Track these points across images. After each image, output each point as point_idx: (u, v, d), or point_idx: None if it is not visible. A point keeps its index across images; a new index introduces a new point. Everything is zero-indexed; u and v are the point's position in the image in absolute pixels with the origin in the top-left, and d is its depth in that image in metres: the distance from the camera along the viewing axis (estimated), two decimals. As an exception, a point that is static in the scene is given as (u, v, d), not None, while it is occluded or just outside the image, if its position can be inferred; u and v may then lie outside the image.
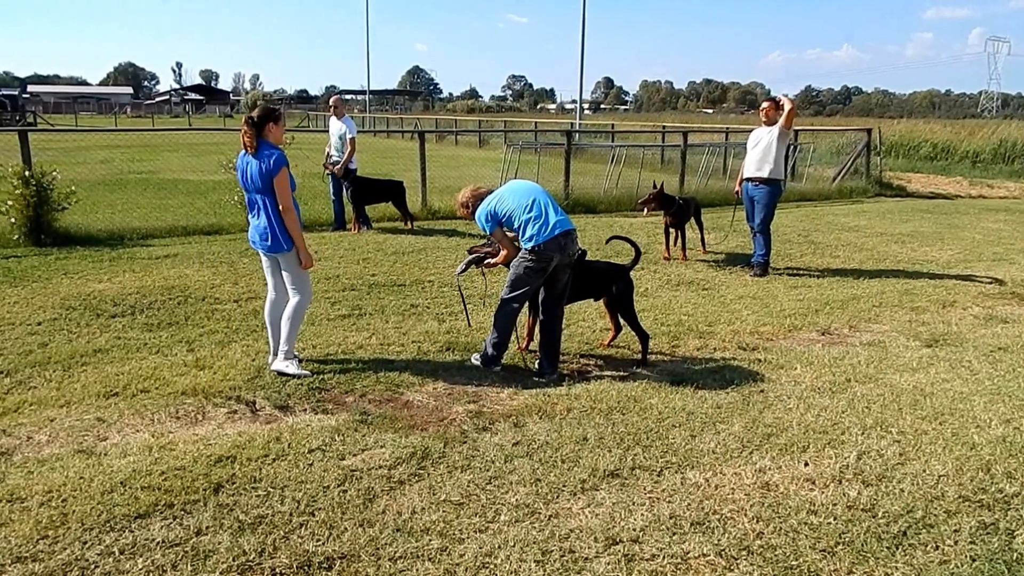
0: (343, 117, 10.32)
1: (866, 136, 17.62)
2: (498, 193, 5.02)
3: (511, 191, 5.00)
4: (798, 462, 3.69)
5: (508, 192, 4.99)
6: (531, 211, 4.85)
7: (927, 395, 4.60)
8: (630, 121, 47.12)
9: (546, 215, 4.84)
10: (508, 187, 5.08)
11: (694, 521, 3.16)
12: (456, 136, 34.09)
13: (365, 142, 25.13)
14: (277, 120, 4.78)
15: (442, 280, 7.49)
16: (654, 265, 8.55)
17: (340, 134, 10.16)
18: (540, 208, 4.87)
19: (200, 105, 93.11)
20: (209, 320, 5.98)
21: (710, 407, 4.37)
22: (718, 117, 64.56)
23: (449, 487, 3.40)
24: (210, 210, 11.35)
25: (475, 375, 4.89)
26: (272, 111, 4.83)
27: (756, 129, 8.44)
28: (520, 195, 4.95)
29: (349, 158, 10.03)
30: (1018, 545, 3.00)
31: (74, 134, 22.25)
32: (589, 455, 3.72)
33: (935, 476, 3.55)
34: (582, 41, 30.22)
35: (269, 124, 4.71)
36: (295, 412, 4.26)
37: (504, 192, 5.00)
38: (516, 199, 4.92)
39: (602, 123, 40.22)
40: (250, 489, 3.36)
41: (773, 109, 8.23)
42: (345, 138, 10.06)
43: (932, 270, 8.51)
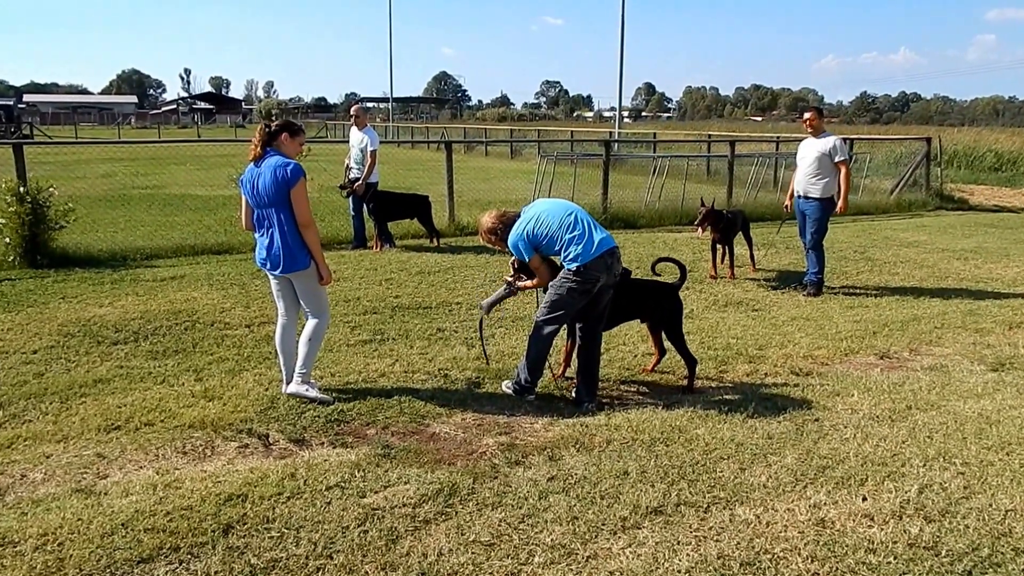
0: (365, 127, 10.42)
1: (926, 145, 17.45)
2: (531, 213, 4.96)
3: (548, 210, 4.96)
4: (855, 496, 3.65)
5: (544, 211, 4.95)
6: (573, 230, 4.84)
7: (993, 423, 4.53)
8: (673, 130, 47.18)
9: (589, 232, 4.85)
10: (541, 206, 5.04)
11: (744, 561, 3.14)
12: (486, 146, 34.26)
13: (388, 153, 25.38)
14: (295, 134, 4.85)
15: (471, 302, 7.54)
16: (700, 284, 8.53)
17: (361, 146, 10.27)
18: (582, 225, 4.87)
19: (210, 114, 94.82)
20: (219, 347, 6.07)
21: (761, 437, 4.34)
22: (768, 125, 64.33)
23: (479, 526, 3.41)
24: (220, 228, 11.49)
25: (507, 405, 4.90)
26: (292, 123, 4.93)
27: (804, 141, 8.42)
28: (559, 213, 4.92)
29: (370, 172, 10.13)
30: (1102, 591, 2.93)
31: (73, 147, 22.52)
32: (630, 490, 3.72)
33: (1002, 511, 3.49)
34: (621, 44, 30.34)
35: (284, 135, 4.78)
36: (311, 446, 4.30)
37: (539, 211, 4.95)
38: (555, 217, 4.89)
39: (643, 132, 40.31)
40: (262, 530, 3.38)
41: (817, 118, 8.24)
42: (366, 151, 10.16)
43: (997, 289, 8.38)
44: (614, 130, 32.30)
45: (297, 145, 4.87)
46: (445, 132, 38.20)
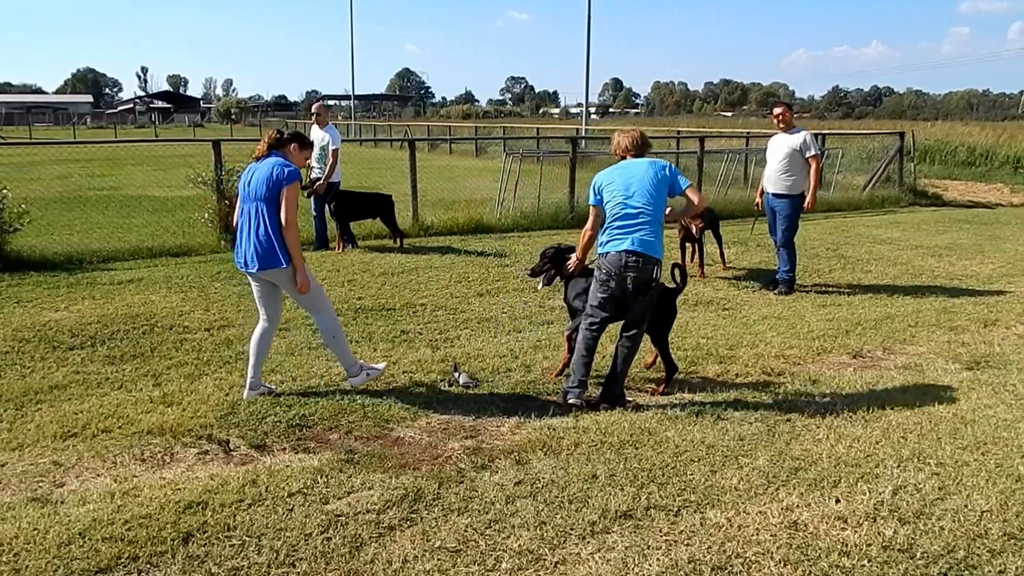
0: (326, 126, 10.37)
1: (899, 140, 17.75)
2: (620, 170, 5.05)
3: (627, 178, 4.96)
4: (829, 498, 3.70)
5: (626, 177, 4.97)
6: (620, 215, 4.94)
7: (968, 423, 4.61)
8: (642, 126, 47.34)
9: (627, 229, 4.92)
10: (632, 170, 5.01)
11: (715, 565, 3.16)
12: (450, 144, 34.30)
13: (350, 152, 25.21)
14: (304, 147, 5.04)
15: (435, 303, 7.52)
16: (669, 283, 8.56)
17: (322, 144, 10.22)
18: (630, 219, 4.91)
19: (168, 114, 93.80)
20: (178, 351, 6.00)
21: (732, 439, 4.38)
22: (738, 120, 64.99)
23: (444, 532, 3.41)
24: (178, 229, 11.39)
25: (473, 408, 4.90)
26: (303, 136, 5.12)
27: (774, 136, 8.52)
28: (628, 189, 4.93)
29: (332, 171, 10.08)
30: (1072, 588, 3.00)
31: (27, 147, 22.38)
32: (599, 494, 3.73)
33: (978, 512, 3.56)
34: (588, 39, 30.39)
35: (294, 145, 4.95)
36: (273, 452, 4.27)
37: (624, 174, 5.00)
38: (619, 189, 4.95)
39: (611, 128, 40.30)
40: (223, 538, 3.35)
41: (787, 113, 8.34)
42: (328, 149, 10.12)
43: (972, 286, 8.55)
44: (581, 127, 32.41)
45: (303, 158, 5.05)
46: (408, 130, 38.06)
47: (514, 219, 12.80)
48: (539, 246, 10.82)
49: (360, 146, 33.81)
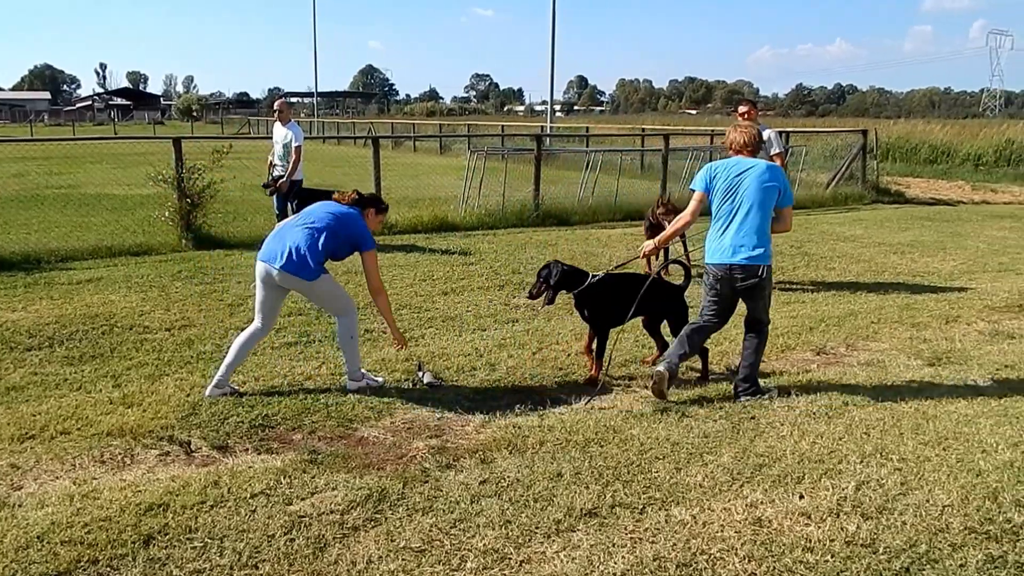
0: (289, 122, 10.29)
1: (862, 138, 18.04)
2: (736, 163, 5.12)
3: (736, 177, 5.06)
4: (792, 495, 3.74)
5: (738, 174, 5.06)
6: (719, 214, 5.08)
7: (930, 418, 4.70)
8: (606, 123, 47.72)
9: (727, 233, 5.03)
10: (754, 169, 5.09)
11: (680, 563, 3.18)
12: (414, 142, 34.22)
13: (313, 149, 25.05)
14: (380, 210, 5.33)
15: (400, 302, 7.50)
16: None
17: (285, 142, 10.13)
18: (729, 219, 5.03)
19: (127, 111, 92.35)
20: (138, 352, 5.91)
21: (697, 436, 4.42)
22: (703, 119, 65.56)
23: (409, 532, 3.40)
24: (138, 228, 11.23)
25: (438, 407, 4.89)
26: (381, 201, 5.42)
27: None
28: (735, 189, 5.04)
29: (295, 168, 10.00)
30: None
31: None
32: (564, 493, 3.74)
33: (939, 506, 3.63)
34: (552, 36, 30.48)
35: (372, 209, 5.23)
36: (235, 452, 4.23)
37: (740, 170, 5.08)
38: (724, 186, 5.06)
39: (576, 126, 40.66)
40: (185, 540, 3.31)
41: (753, 111, 8.42)
42: (290, 146, 10.03)
43: (934, 282, 8.72)
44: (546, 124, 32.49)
45: (378, 224, 5.30)
46: (372, 127, 37.93)
47: (479, 217, 12.80)
48: (504, 244, 10.91)
49: (323, 144, 33.62)
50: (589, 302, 5.44)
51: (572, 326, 6.70)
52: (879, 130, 21.98)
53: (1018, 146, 24.54)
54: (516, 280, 8.53)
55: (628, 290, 5.42)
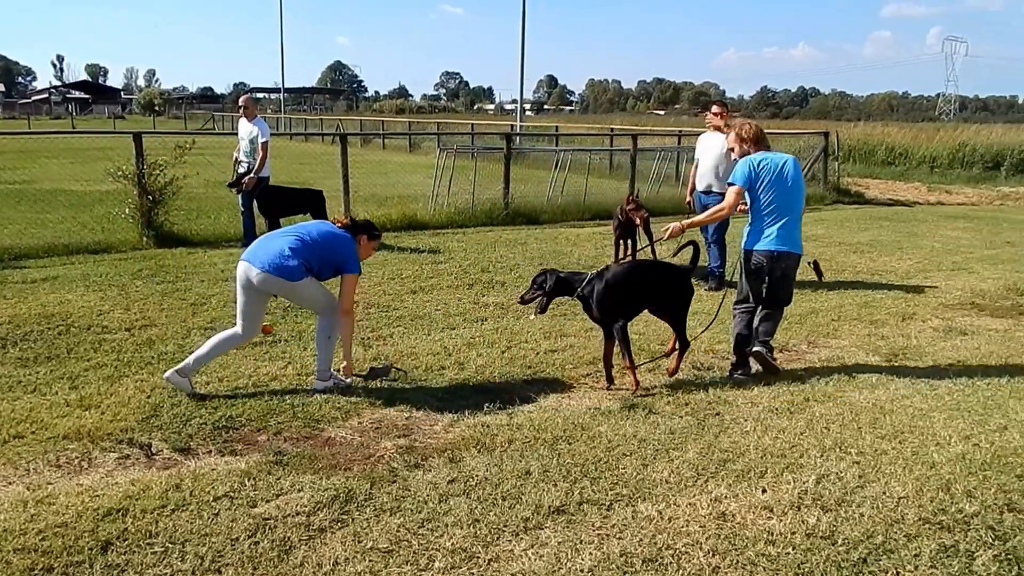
0: (255, 118, 10.16)
1: (823, 140, 18.29)
2: (777, 161, 5.49)
3: (783, 177, 5.47)
4: (755, 489, 3.80)
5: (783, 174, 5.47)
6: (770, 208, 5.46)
7: (887, 412, 4.80)
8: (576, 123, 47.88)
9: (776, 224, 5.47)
10: (790, 165, 5.52)
11: (646, 558, 3.21)
12: (383, 139, 33.98)
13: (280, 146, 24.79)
14: (372, 238, 5.30)
15: (368, 300, 7.45)
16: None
17: (251, 137, 10.01)
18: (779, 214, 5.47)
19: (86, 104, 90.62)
20: (96, 352, 5.79)
21: (663, 433, 4.46)
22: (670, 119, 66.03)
23: (376, 533, 3.38)
24: (96, 225, 11.01)
25: (406, 406, 4.87)
26: (374, 227, 5.37)
27: (705, 134, 8.68)
28: (782, 186, 5.45)
29: (261, 165, 9.88)
30: (978, 567, 3.15)
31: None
32: (532, 490, 3.75)
33: (895, 498, 3.70)
34: (522, 35, 30.52)
35: (364, 236, 5.20)
36: (198, 455, 4.17)
37: (784, 170, 5.47)
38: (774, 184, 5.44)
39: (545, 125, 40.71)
40: (145, 546, 3.26)
41: (725, 114, 8.51)
42: (257, 142, 9.91)
43: (891, 281, 8.89)
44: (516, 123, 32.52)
45: (370, 250, 5.35)
46: (340, 124, 37.56)
47: (448, 215, 12.77)
48: (473, 242, 10.89)
49: (290, 140, 33.29)
50: (595, 300, 5.26)
51: (541, 325, 6.71)
52: (840, 132, 22.33)
53: (971, 149, 25.13)
54: (485, 279, 8.53)
55: (635, 279, 5.46)
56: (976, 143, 25.48)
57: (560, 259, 9.74)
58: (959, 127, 31.71)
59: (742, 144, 5.62)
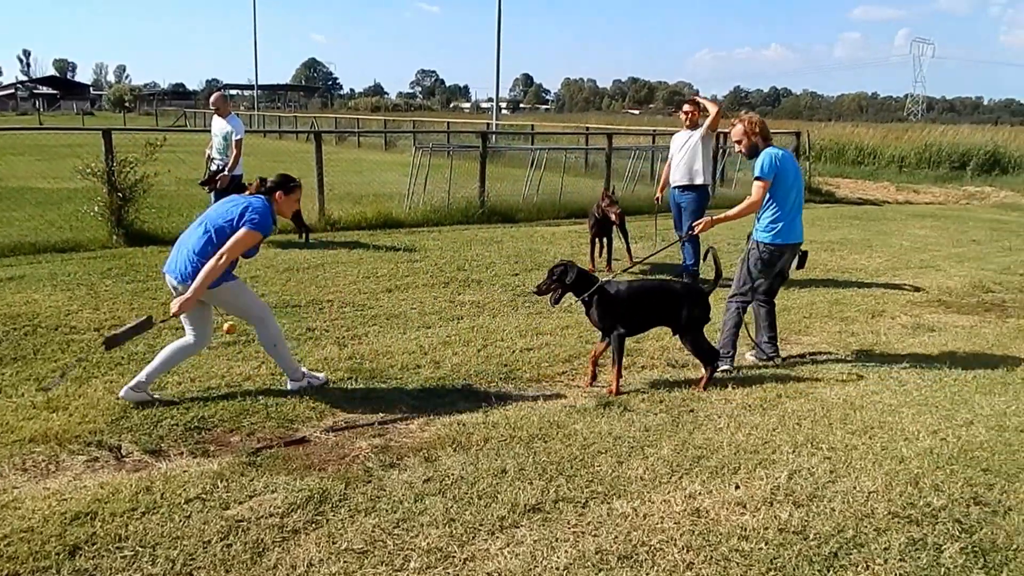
0: (228, 115, 10.04)
1: (795, 140, 18.50)
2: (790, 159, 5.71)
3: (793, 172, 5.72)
4: (729, 485, 3.82)
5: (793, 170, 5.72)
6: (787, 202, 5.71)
7: (857, 408, 4.85)
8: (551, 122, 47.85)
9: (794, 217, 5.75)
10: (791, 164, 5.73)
11: (621, 555, 3.21)
12: (359, 137, 33.76)
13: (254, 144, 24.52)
14: (290, 190, 4.89)
15: (342, 300, 7.40)
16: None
17: (224, 134, 9.89)
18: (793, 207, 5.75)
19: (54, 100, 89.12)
20: (64, 353, 5.69)
21: (638, 430, 4.47)
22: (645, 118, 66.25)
23: (351, 534, 3.35)
24: (65, 223, 10.83)
25: (381, 406, 4.84)
26: (288, 179, 4.92)
27: (678, 132, 8.72)
28: (795, 181, 5.72)
29: (235, 163, 9.77)
30: (946, 560, 3.19)
31: None
32: (508, 489, 3.74)
33: (865, 493, 3.74)
34: (498, 34, 30.48)
35: (279, 192, 4.83)
36: (169, 456, 4.11)
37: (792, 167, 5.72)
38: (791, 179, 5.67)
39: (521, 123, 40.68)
40: (114, 550, 3.20)
41: (697, 112, 8.55)
42: (231, 139, 9.79)
43: (861, 279, 8.99)
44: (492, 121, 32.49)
45: (293, 204, 4.98)
46: (315, 122, 37.28)
47: (424, 214, 12.72)
48: (449, 241, 10.86)
49: (264, 137, 32.98)
50: (601, 309, 5.19)
51: (517, 323, 6.70)
52: (811, 132, 22.59)
53: (938, 149, 25.53)
54: (461, 277, 8.50)
55: (647, 298, 5.33)
56: (943, 143, 25.89)
57: (536, 257, 9.74)
58: (926, 127, 32.17)
59: (751, 137, 5.66)
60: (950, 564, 3.17)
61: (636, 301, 5.25)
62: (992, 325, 7.10)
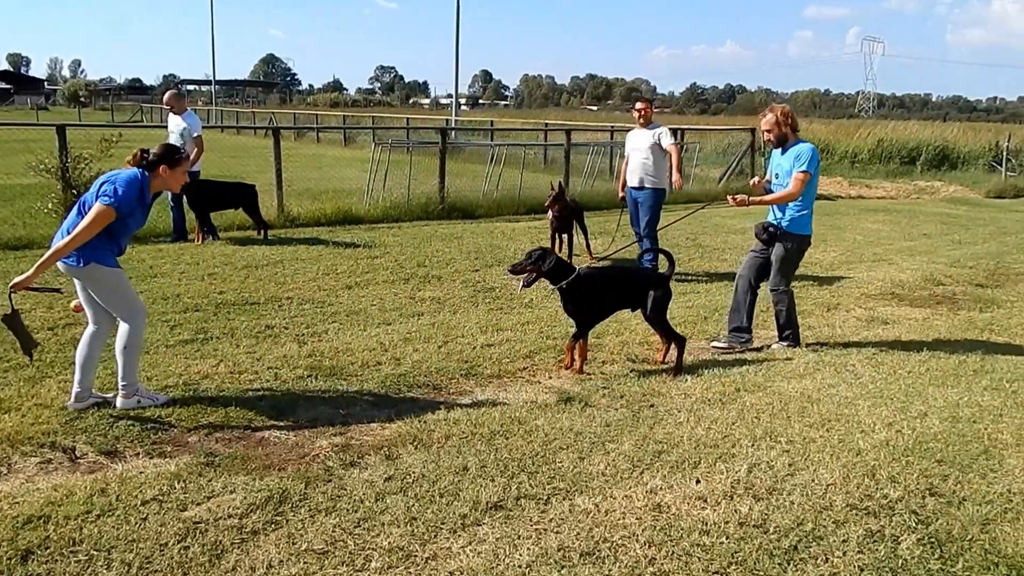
0: (185, 112, 9.85)
1: (751, 136, 18.70)
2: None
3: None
4: (690, 479, 3.82)
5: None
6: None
7: (814, 401, 4.90)
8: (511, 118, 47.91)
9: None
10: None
11: (584, 552, 3.20)
12: (318, 133, 33.43)
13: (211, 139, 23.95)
14: (175, 163, 4.53)
15: (302, 296, 7.28)
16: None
17: (180, 131, 9.68)
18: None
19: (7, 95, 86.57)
20: (16, 352, 5.47)
21: (599, 425, 4.46)
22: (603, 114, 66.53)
23: (311, 534, 3.29)
24: (17, 220, 10.50)
25: (342, 403, 4.77)
26: (174, 151, 4.60)
27: (633, 131, 8.73)
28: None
29: (196, 160, 9.56)
30: (903, 551, 3.23)
31: None
32: (470, 486, 3.70)
33: (823, 485, 3.77)
34: (457, 30, 30.39)
35: (162, 167, 4.47)
36: (125, 457, 4.00)
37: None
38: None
39: (481, 119, 40.62)
40: (68, 554, 3.10)
41: (649, 109, 8.58)
42: (187, 136, 9.59)
43: (816, 272, 9.10)
44: (451, 117, 32.35)
45: (179, 178, 4.61)
46: (273, 117, 36.78)
47: (384, 210, 12.61)
48: (409, 237, 10.76)
49: (222, 133, 32.43)
50: (575, 297, 5.41)
51: (478, 319, 6.66)
52: (766, 128, 22.80)
53: (889, 145, 26.04)
54: (421, 273, 8.43)
55: (614, 283, 5.73)
56: (893, 139, 26.45)
57: (496, 253, 9.70)
58: (877, 124, 32.85)
59: (781, 127, 5.87)
60: (907, 555, 3.21)
61: (609, 287, 5.64)
62: (944, 317, 7.24)
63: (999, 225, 14.24)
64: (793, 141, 5.90)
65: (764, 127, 5.97)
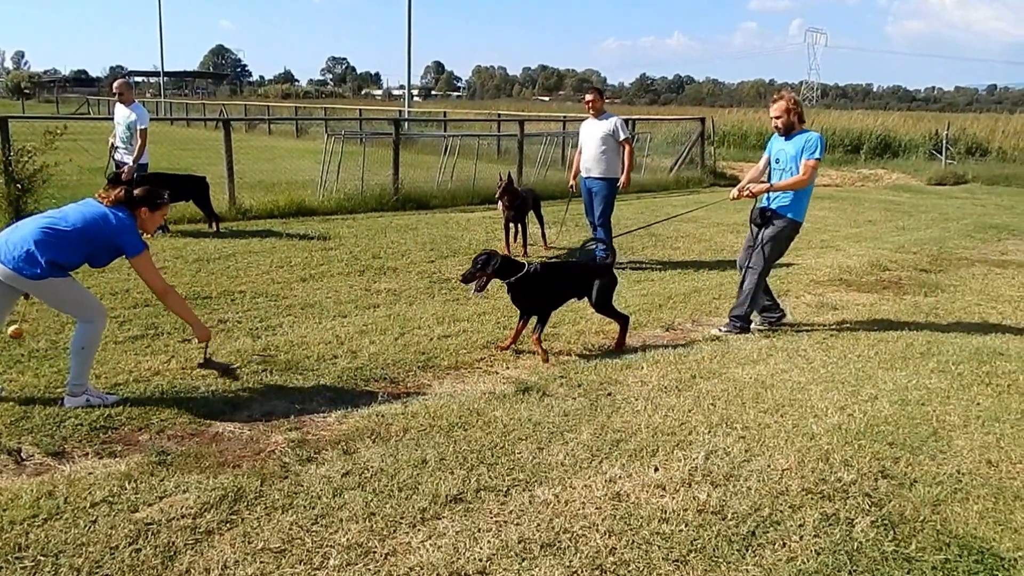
0: (132, 103, 9.54)
1: (700, 125, 18.86)
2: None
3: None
4: (648, 467, 3.81)
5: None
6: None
7: (768, 387, 4.93)
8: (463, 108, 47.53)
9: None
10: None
11: (544, 543, 3.16)
12: (269, 125, 32.84)
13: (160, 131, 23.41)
14: (156, 206, 4.51)
15: (255, 290, 7.12)
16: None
17: (128, 123, 9.38)
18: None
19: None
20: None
21: (557, 415, 4.43)
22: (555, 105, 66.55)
23: (268, 532, 3.19)
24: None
25: (297, 398, 4.65)
26: (156, 195, 4.53)
27: (587, 121, 8.70)
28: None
29: (140, 153, 9.28)
30: (858, 534, 3.26)
31: None
32: (429, 480, 3.64)
33: (779, 470, 3.79)
34: (408, 21, 30.06)
35: (143, 209, 4.44)
36: (73, 458, 3.84)
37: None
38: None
39: (433, 111, 40.26)
40: (13, 560, 2.96)
41: (598, 99, 8.55)
42: (135, 128, 9.29)
43: (767, 259, 9.17)
44: (404, 108, 32.03)
45: (158, 220, 4.62)
46: (224, 109, 35.99)
47: (338, 201, 12.42)
48: (364, 228, 10.61)
49: (171, 125, 31.61)
50: (525, 291, 5.51)
51: (434, 310, 6.58)
52: (715, 118, 23.04)
53: (833, 133, 26.44)
54: (377, 265, 8.31)
55: (561, 275, 5.85)
56: (837, 128, 26.83)
57: (451, 244, 9.61)
58: (821, 113, 33.37)
59: (790, 115, 5.95)
60: (862, 537, 3.23)
61: (557, 278, 5.72)
62: (890, 302, 7.37)
63: (941, 211, 14.57)
64: (799, 129, 5.98)
65: (774, 113, 6.03)
